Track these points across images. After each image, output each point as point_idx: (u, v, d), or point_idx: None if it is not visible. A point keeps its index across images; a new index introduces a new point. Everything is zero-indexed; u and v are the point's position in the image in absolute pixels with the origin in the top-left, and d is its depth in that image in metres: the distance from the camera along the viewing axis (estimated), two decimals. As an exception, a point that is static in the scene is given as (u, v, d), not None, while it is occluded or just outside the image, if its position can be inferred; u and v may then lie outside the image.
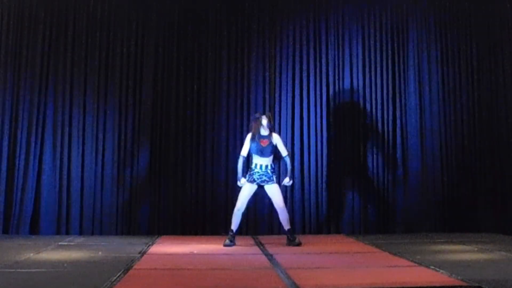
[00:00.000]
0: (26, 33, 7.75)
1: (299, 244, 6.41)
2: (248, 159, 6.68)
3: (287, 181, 6.63)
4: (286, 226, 6.57)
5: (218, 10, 8.09)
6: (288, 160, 6.67)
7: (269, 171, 6.50)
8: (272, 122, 6.79)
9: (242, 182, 6.52)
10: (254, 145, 6.53)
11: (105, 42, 7.87)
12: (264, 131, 6.56)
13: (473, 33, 8.29)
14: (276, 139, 6.62)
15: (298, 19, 8.17)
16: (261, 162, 6.49)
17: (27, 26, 7.76)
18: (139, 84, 7.87)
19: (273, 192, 6.53)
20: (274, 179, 6.54)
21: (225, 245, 6.36)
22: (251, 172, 6.51)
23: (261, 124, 6.54)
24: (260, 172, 6.48)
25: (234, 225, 6.54)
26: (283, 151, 6.66)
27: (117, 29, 7.92)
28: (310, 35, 8.16)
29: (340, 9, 8.24)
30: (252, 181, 6.49)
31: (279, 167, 7.40)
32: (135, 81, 7.87)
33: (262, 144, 6.50)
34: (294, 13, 8.18)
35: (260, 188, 6.60)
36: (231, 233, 6.50)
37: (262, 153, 6.49)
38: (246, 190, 6.53)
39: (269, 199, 7.18)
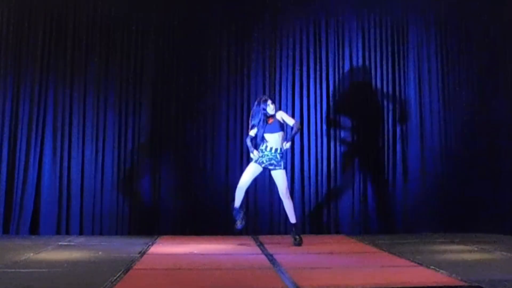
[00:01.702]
0: (26, 33, 7.74)
1: (299, 244, 6.39)
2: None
3: (284, 144, 6.47)
4: (292, 219, 6.52)
5: (218, 10, 8.08)
6: (295, 126, 6.53)
7: (278, 156, 6.45)
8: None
9: (256, 153, 6.45)
10: (261, 126, 6.47)
11: (105, 42, 7.87)
12: (270, 112, 6.52)
13: (473, 32, 8.29)
14: (280, 114, 6.57)
15: (298, 19, 8.17)
16: (271, 143, 6.43)
17: (27, 26, 7.75)
18: (139, 84, 7.87)
19: (279, 178, 6.47)
20: (282, 164, 6.49)
21: (238, 228, 6.44)
22: (261, 154, 6.45)
23: (266, 110, 6.49)
24: (269, 156, 6.43)
25: (238, 201, 6.48)
26: (290, 121, 6.57)
27: (117, 28, 7.91)
28: (310, 35, 8.15)
29: (340, 9, 8.24)
30: (260, 163, 6.45)
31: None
32: (135, 82, 7.87)
33: (268, 122, 6.48)
34: (294, 13, 8.18)
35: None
36: (236, 210, 6.45)
37: (271, 130, 6.47)
38: (252, 169, 6.48)
39: (270, 198, 7.21)
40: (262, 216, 7.73)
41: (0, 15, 7.73)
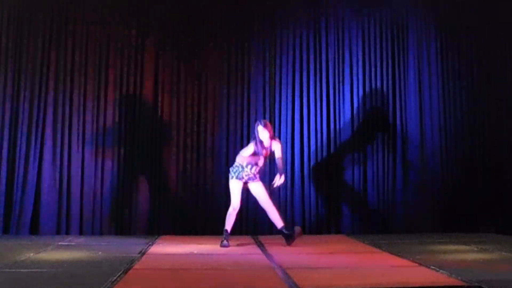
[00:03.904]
0: (26, 33, 7.74)
1: (298, 235, 6.35)
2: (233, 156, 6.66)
3: (279, 179, 6.47)
4: (279, 224, 6.52)
5: (219, 10, 8.08)
6: (280, 161, 6.53)
7: (255, 171, 6.50)
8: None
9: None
10: (260, 147, 6.48)
11: (105, 41, 7.87)
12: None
13: (473, 32, 8.29)
14: (275, 145, 6.55)
15: (298, 19, 8.17)
16: (254, 163, 6.48)
17: (27, 26, 7.75)
18: (139, 84, 7.87)
19: (258, 190, 6.52)
20: (258, 177, 6.53)
21: (222, 246, 6.33)
22: (240, 170, 6.47)
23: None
24: (247, 171, 6.46)
25: (229, 226, 6.50)
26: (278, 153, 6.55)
27: (117, 28, 7.91)
28: (310, 35, 8.16)
29: (340, 9, 8.24)
30: (241, 178, 6.48)
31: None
32: (135, 82, 7.87)
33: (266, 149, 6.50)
34: (294, 13, 8.18)
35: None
36: (226, 234, 6.44)
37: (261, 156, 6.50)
38: (237, 187, 6.50)
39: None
40: (262, 216, 7.70)
41: (0, 15, 7.72)
